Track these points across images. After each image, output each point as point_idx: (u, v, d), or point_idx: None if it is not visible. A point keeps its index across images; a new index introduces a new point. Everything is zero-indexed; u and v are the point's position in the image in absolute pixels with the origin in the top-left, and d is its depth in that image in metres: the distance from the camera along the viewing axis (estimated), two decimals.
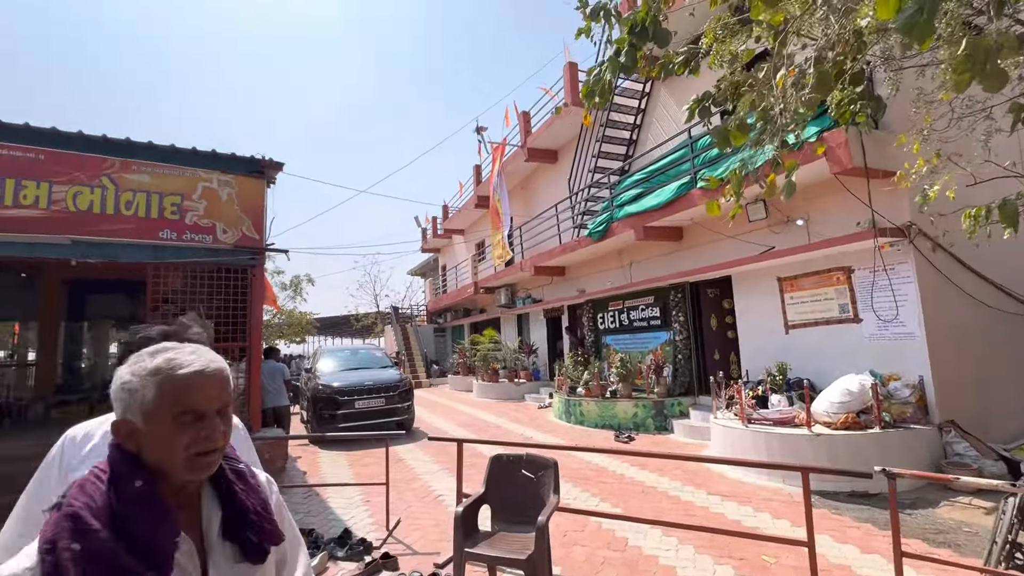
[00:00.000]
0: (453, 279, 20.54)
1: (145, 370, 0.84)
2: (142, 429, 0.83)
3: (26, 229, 4.86)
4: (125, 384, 0.84)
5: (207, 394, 0.86)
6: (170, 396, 0.83)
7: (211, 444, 0.85)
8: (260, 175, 6.08)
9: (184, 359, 0.86)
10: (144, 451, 0.84)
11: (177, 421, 0.82)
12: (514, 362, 13.69)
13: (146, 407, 0.83)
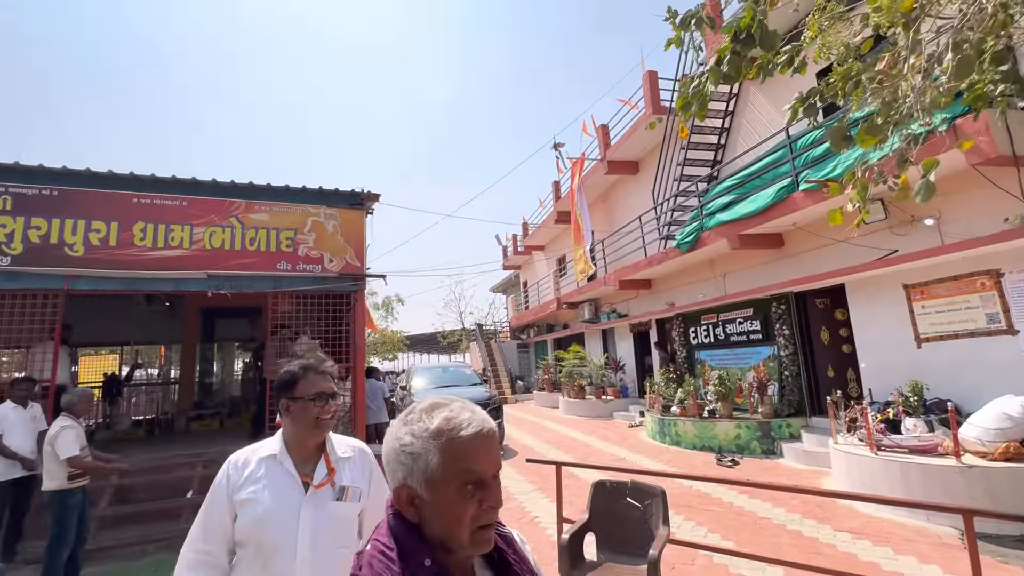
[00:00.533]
0: (535, 295, 20.66)
1: (426, 432, 0.76)
2: (425, 498, 0.75)
3: (173, 266, 5.61)
4: (406, 447, 0.76)
5: (489, 458, 0.77)
6: (455, 462, 0.74)
7: (495, 516, 0.77)
8: (360, 207, 6.55)
9: (462, 418, 0.77)
10: (427, 523, 0.76)
11: (462, 490, 0.74)
12: (600, 378, 13.39)
13: (430, 474, 0.74)
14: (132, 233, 5.46)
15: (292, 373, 1.46)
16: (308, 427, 1.42)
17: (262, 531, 1.31)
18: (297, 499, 1.36)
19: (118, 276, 5.44)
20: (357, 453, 1.54)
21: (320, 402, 1.43)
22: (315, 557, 1.32)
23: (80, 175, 5.42)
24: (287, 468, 1.40)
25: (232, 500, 1.36)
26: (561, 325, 18.68)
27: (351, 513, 1.43)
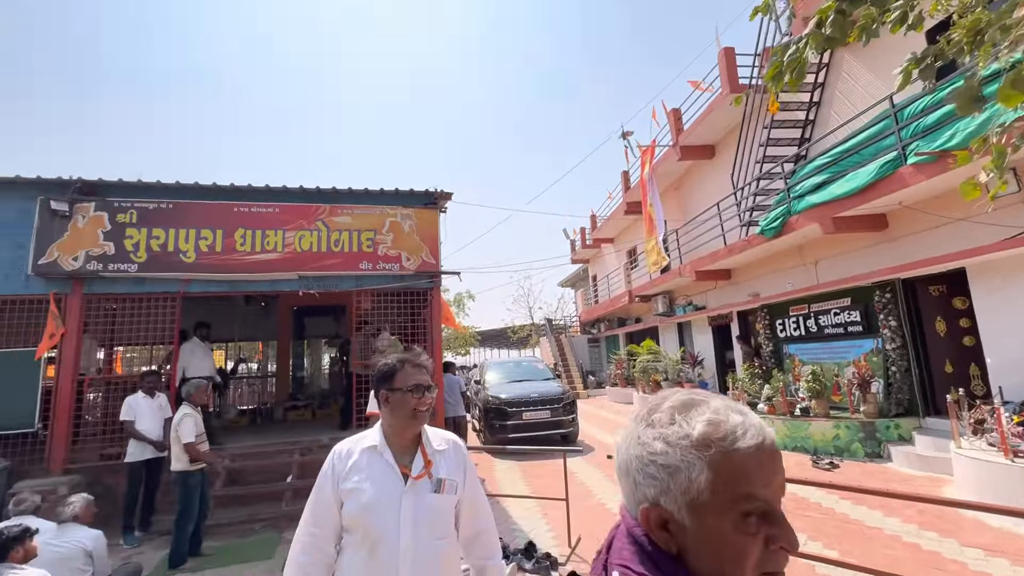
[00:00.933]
0: (605, 289, 20.27)
1: (687, 440, 0.58)
2: (685, 525, 0.57)
3: (268, 269, 6.08)
4: (657, 457, 0.59)
5: (777, 480, 0.58)
6: (731, 484, 0.55)
7: (785, 562, 0.57)
8: (433, 205, 6.73)
9: (733, 423, 0.58)
10: (690, 555, 0.57)
11: (742, 522, 0.55)
12: (677, 374, 12.88)
13: (694, 496, 0.56)
14: (234, 239, 5.99)
15: (391, 365, 1.51)
16: (406, 418, 1.46)
17: (367, 519, 1.36)
18: (398, 489, 1.40)
19: (223, 279, 5.99)
20: (451, 446, 1.56)
21: (417, 393, 1.46)
22: (416, 547, 1.35)
23: (190, 188, 6.02)
24: (387, 459, 1.44)
25: (338, 488, 1.42)
26: (633, 319, 18.20)
27: (448, 505, 1.46)
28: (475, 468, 1.64)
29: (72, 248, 5.58)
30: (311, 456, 5.93)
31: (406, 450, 1.48)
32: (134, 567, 3.93)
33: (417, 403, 1.46)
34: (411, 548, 1.35)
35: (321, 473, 1.48)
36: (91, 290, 5.70)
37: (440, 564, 1.40)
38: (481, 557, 1.54)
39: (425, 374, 1.53)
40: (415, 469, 1.43)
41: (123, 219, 5.74)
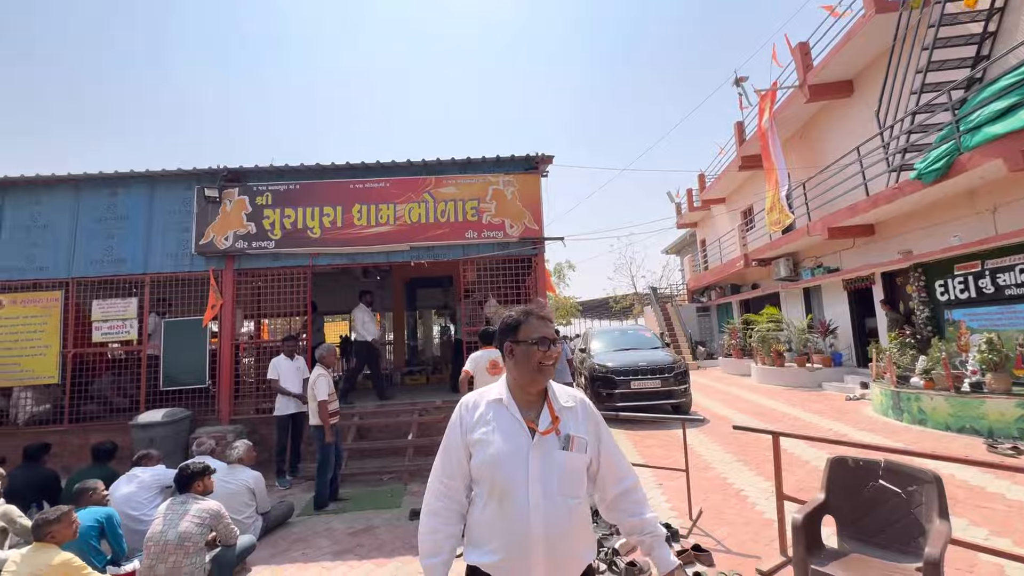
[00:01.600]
0: (715, 254, 18.83)
1: None
2: None
3: (382, 241, 6.43)
4: None
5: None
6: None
7: None
8: (535, 170, 6.60)
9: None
10: None
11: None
12: (803, 344, 11.63)
13: None
14: (352, 215, 6.40)
15: (515, 317, 1.45)
16: (531, 371, 1.39)
17: (495, 471, 1.33)
18: (524, 444, 1.35)
19: (345, 252, 6.45)
20: (579, 404, 1.48)
21: (543, 346, 1.39)
22: (546, 504, 1.30)
23: (312, 169, 6.51)
24: (512, 412, 1.40)
25: (466, 439, 1.40)
26: (749, 285, 16.74)
27: (578, 464, 1.38)
28: (608, 430, 1.52)
29: (223, 229, 6.36)
30: (428, 416, 6.29)
31: (532, 405, 1.42)
32: (288, 506, 4.47)
33: (543, 356, 1.39)
34: (540, 505, 1.29)
35: (450, 425, 1.47)
36: (240, 266, 6.48)
37: (572, 524, 1.33)
38: (634, 513, 1.43)
39: (551, 327, 1.46)
40: (542, 424, 1.38)
41: (261, 201, 6.40)
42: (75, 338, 6.48)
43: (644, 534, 1.40)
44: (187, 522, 3.16)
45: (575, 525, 1.33)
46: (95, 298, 6.51)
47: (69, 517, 2.85)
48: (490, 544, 1.32)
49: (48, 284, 6.47)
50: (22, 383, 6.35)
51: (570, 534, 1.32)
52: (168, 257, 6.45)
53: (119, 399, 6.90)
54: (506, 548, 1.29)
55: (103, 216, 6.51)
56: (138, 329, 6.46)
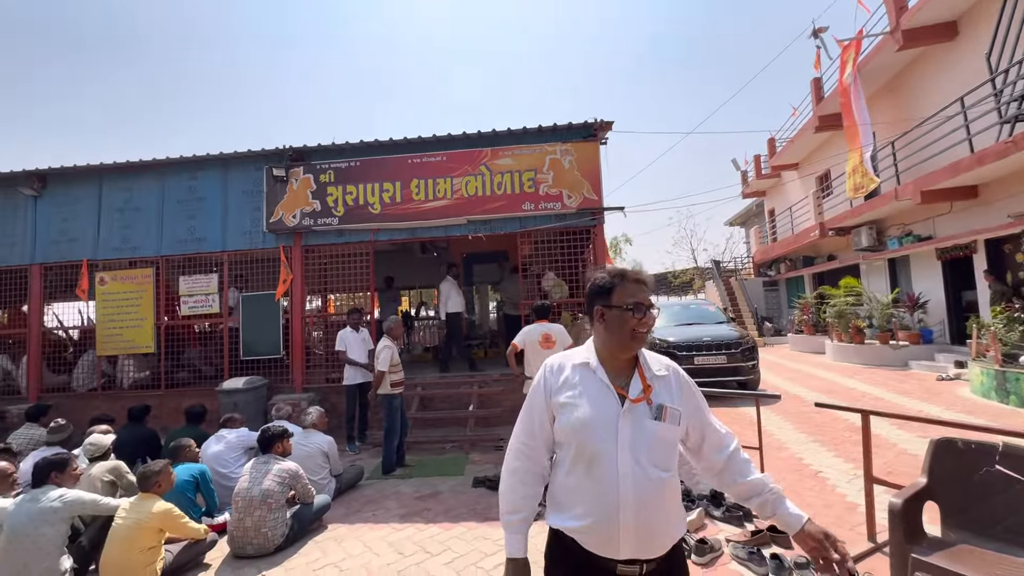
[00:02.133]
0: (785, 224, 17.62)
1: None
2: None
3: (440, 215, 6.46)
4: None
5: None
6: None
7: None
8: (593, 138, 6.35)
9: None
10: None
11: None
12: (886, 319, 10.70)
13: None
14: (410, 190, 6.46)
15: (608, 279, 1.36)
16: (624, 338, 1.33)
17: (583, 435, 1.29)
18: (614, 410, 1.29)
19: (404, 227, 6.55)
20: (672, 373, 1.40)
21: (639, 312, 1.31)
22: (636, 473, 1.24)
23: (372, 145, 6.61)
24: (601, 378, 1.34)
25: (550, 402, 1.37)
26: (824, 257, 15.55)
27: (671, 436, 1.32)
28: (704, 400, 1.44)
29: (291, 207, 6.62)
30: (488, 388, 6.36)
31: (621, 371, 1.36)
32: (358, 469, 4.69)
33: (638, 324, 1.31)
34: (630, 474, 1.24)
35: (533, 387, 1.43)
36: (307, 242, 6.75)
37: (662, 496, 1.26)
38: (746, 474, 1.37)
39: (647, 292, 1.37)
40: (632, 391, 1.31)
41: (324, 179, 6.59)
42: (165, 312, 7.06)
43: (764, 494, 1.33)
44: (269, 480, 3.38)
45: (665, 498, 1.27)
46: (181, 275, 7.04)
47: (167, 470, 3.12)
48: (576, 509, 1.29)
49: (141, 262, 7.05)
50: (125, 351, 7.03)
51: (659, 506, 1.26)
52: (243, 235, 6.82)
53: (206, 367, 7.49)
54: (593, 514, 1.25)
55: (185, 198, 6.96)
56: (219, 303, 6.93)
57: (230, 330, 6.94)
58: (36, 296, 7.23)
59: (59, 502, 2.84)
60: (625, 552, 1.23)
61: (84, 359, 7.31)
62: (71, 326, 8.33)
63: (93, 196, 7.14)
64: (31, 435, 4.91)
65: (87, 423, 5.16)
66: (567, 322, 6.40)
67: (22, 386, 7.23)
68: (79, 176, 7.16)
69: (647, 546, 1.25)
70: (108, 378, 7.25)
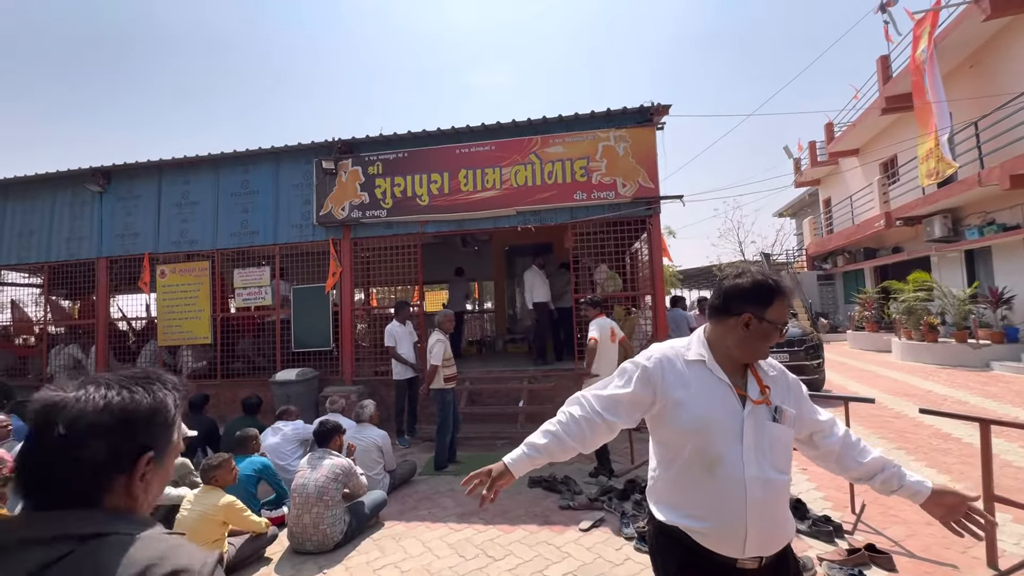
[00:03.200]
0: (843, 214, 16.58)
1: None
2: None
3: (488, 206, 6.30)
4: None
5: None
6: None
7: None
8: (649, 123, 6.03)
9: None
10: None
11: None
12: (964, 316, 9.86)
13: None
14: (458, 180, 6.32)
15: (770, 288, 1.29)
16: (758, 350, 1.31)
17: (705, 436, 1.26)
18: (736, 411, 1.27)
19: (452, 219, 6.43)
20: (780, 373, 1.39)
21: (783, 330, 1.30)
22: (761, 476, 1.23)
23: (419, 136, 6.51)
24: (720, 377, 1.31)
25: (660, 394, 1.32)
26: (889, 249, 14.57)
27: (788, 437, 1.32)
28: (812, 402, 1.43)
29: (340, 200, 6.62)
30: (537, 384, 6.18)
31: (735, 370, 1.33)
32: (411, 465, 4.61)
33: (776, 339, 1.30)
34: (758, 477, 1.23)
35: (638, 372, 1.35)
36: (355, 235, 6.74)
37: (783, 498, 1.28)
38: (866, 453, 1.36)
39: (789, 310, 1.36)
40: (752, 393, 1.29)
41: (373, 171, 6.54)
42: (220, 303, 7.23)
43: (887, 469, 1.33)
44: (323, 476, 3.31)
45: (784, 500, 1.29)
46: (235, 267, 7.18)
47: (229, 464, 3.09)
48: (694, 509, 1.28)
49: (198, 255, 7.24)
50: (184, 342, 7.24)
51: (780, 509, 1.27)
52: (293, 228, 6.88)
53: (260, 359, 7.64)
54: (717, 516, 1.24)
55: (238, 191, 7.08)
56: (271, 295, 7.03)
57: (282, 322, 7.03)
58: (103, 288, 7.54)
59: None
60: (749, 551, 1.23)
61: (146, 349, 7.60)
62: (133, 317, 8.68)
63: (153, 191, 7.37)
64: None
65: None
66: (620, 316, 6.14)
67: (91, 374, 7.57)
68: (140, 172, 7.40)
69: (768, 545, 1.25)
70: (169, 368, 7.51)
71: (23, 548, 0.58)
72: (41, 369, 7.93)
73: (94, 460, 0.64)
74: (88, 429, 0.64)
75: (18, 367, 8.50)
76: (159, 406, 0.71)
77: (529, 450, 1.37)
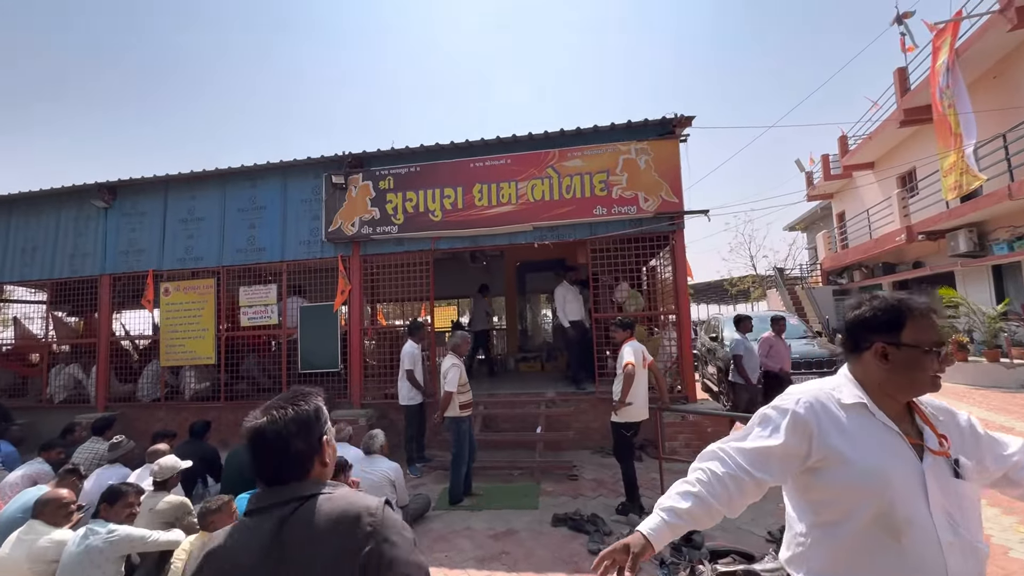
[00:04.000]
0: (859, 228, 16.26)
1: None
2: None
3: (504, 222, 6.06)
4: None
5: None
6: None
7: None
8: (672, 135, 5.79)
9: None
10: None
11: None
12: (994, 334, 9.46)
13: None
14: (472, 195, 6.10)
15: (894, 311, 1.12)
16: (920, 384, 1.11)
17: (883, 495, 1.06)
18: (914, 465, 1.08)
19: (466, 235, 6.19)
20: (947, 415, 1.18)
21: (938, 354, 1.10)
22: (962, 545, 1.03)
23: (432, 150, 6.30)
24: (884, 422, 1.12)
25: (815, 444, 1.13)
26: (909, 264, 14.20)
27: (976, 496, 1.11)
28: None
29: (349, 215, 6.40)
30: (555, 409, 5.86)
31: (900, 415, 1.15)
32: (425, 499, 4.29)
33: (938, 368, 1.10)
34: (955, 544, 1.03)
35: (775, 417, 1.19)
36: (365, 251, 6.51)
37: (984, 573, 1.06)
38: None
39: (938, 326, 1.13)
40: (930, 443, 1.10)
41: (384, 186, 6.33)
42: (226, 321, 6.99)
43: None
44: None
45: (985, 573, 1.08)
46: (240, 284, 6.96)
47: (229, 507, 2.80)
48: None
49: (203, 272, 7.02)
50: (187, 362, 6.99)
51: None
52: (301, 244, 6.66)
53: (265, 379, 7.37)
54: None
55: (245, 207, 6.88)
56: (278, 314, 6.79)
57: (288, 342, 6.77)
58: (105, 306, 7.34)
59: (104, 541, 2.56)
60: None
61: (148, 369, 7.35)
62: (136, 335, 8.46)
63: (159, 207, 7.19)
64: (95, 449, 4.81)
65: (150, 435, 5.05)
66: (643, 337, 5.84)
67: (91, 395, 7.33)
68: (146, 187, 7.24)
69: None
70: (171, 388, 7.25)
71: (271, 508, 0.94)
72: (41, 389, 7.70)
73: (298, 452, 0.98)
74: (288, 435, 0.97)
75: (18, 387, 8.28)
76: (318, 409, 1.04)
77: (670, 516, 1.17)
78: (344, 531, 0.90)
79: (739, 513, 1.20)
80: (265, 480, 0.97)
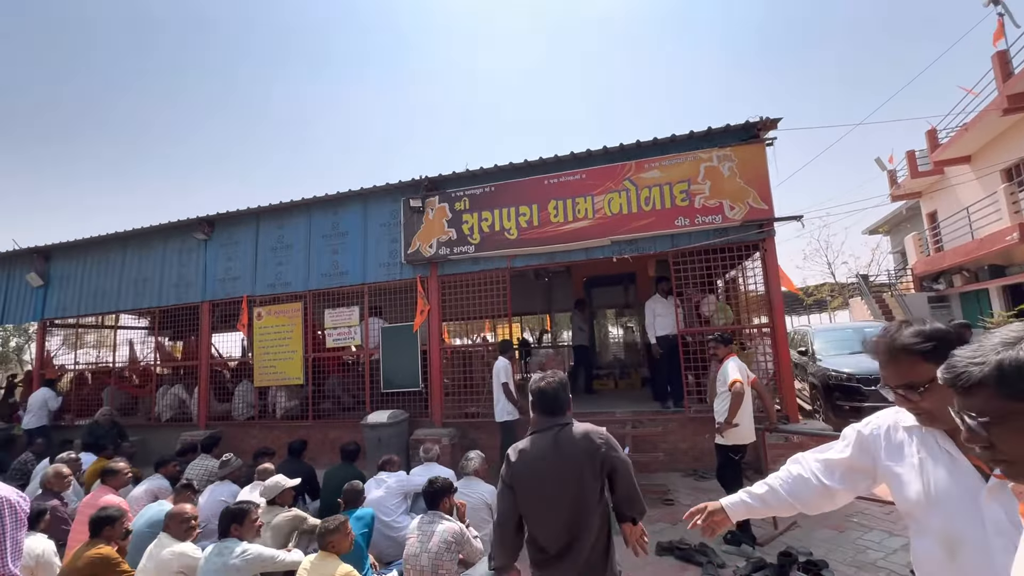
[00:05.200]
0: (959, 227, 14.79)
1: None
2: None
3: (580, 237, 5.98)
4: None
5: None
6: None
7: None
8: (756, 139, 5.52)
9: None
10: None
11: None
12: None
13: None
14: (548, 212, 6.08)
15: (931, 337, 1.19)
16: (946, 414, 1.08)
17: (935, 512, 1.12)
18: (974, 487, 1.09)
19: (542, 251, 6.16)
20: None
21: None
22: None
23: (506, 169, 6.36)
24: (942, 443, 1.15)
25: (876, 459, 1.28)
26: (1021, 266, 12.71)
27: None
28: None
29: (427, 237, 6.56)
30: (642, 429, 5.62)
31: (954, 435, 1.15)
32: None
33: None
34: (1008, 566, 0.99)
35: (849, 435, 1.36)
36: (442, 272, 6.63)
37: None
38: None
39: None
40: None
41: (460, 207, 6.45)
42: (312, 343, 7.33)
43: None
44: (436, 545, 2.99)
45: None
46: (325, 307, 7.28)
47: (346, 528, 2.84)
48: None
49: (290, 297, 7.42)
50: (278, 383, 7.36)
51: None
52: (381, 267, 6.89)
53: (347, 398, 7.62)
54: None
55: (328, 233, 7.24)
56: (360, 335, 7.02)
57: (371, 362, 6.98)
58: (205, 331, 7.90)
59: (241, 560, 2.67)
60: None
61: (239, 389, 7.80)
62: (229, 358, 9.04)
63: (251, 236, 7.71)
64: (205, 466, 5.11)
65: (250, 453, 5.31)
66: (738, 353, 5.51)
67: (194, 414, 7.87)
68: (240, 219, 7.79)
69: None
70: (261, 407, 7.65)
71: (551, 428, 1.99)
72: (150, 409, 8.37)
73: (562, 399, 2.04)
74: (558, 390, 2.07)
75: (131, 406, 9.04)
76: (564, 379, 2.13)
77: (747, 496, 1.48)
78: (588, 440, 1.94)
79: (813, 511, 1.42)
80: (548, 413, 2.01)
